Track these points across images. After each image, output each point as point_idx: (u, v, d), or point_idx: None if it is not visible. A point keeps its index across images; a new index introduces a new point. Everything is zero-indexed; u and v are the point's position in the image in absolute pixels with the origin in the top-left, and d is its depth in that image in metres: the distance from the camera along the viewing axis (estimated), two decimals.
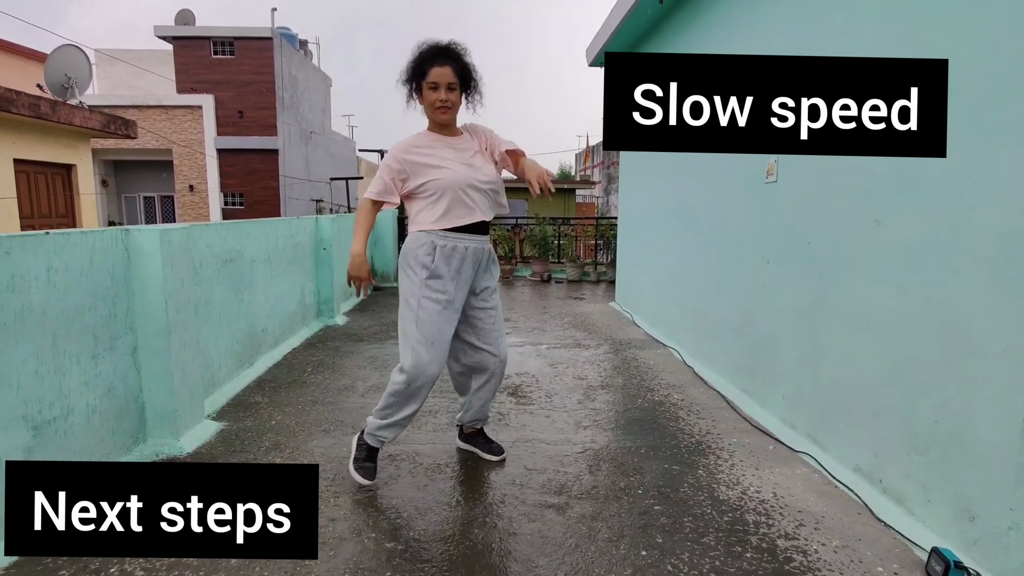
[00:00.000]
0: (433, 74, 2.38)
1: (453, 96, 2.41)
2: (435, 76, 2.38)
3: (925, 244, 2.17)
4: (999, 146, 1.86)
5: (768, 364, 3.34)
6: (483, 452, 2.84)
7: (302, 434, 3.10)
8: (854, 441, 2.57)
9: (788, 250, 3.14)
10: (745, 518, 2.30)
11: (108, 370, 2.59)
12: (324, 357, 4.63)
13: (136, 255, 2.74)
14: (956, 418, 2.02)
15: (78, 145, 8.05)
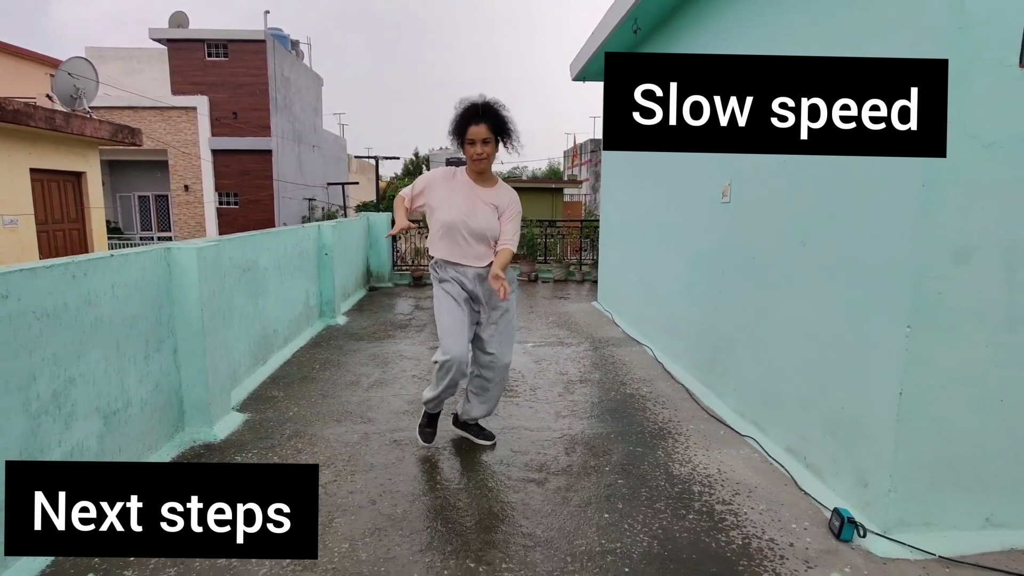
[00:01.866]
0: (471, 132, 2.89)
1: (487, 148, 2.92)
2: (472, 134, 2.89)
3: (838, 263, 2.66)
4: (881, 190, 2.35)
5: (723, 361, 3.84)
6: (475, 438, 3.31)
7: (317, 423, 3.56)
8: (787, 426, 3.07)
9: (739, 263, 3.63)
10: (692, 489, 2.80)
11: (156, 369, 3.04)
12: (329, 355, 5.08)
13: (176, 269, 3.18)
14: (857, 405, 2.52)
15: (87, 153, 8.43)
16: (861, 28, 2.53)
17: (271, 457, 3.09)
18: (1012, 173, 2.14)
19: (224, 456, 3.10)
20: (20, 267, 2.19)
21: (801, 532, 2.44)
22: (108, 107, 17.05)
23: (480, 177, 3.03)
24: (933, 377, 2.24)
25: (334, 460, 3.07)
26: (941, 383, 2.24)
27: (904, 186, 2.24)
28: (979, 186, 2.15)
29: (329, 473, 2.92)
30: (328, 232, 6.36)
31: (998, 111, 2.11)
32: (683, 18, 4.56)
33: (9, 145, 6.91)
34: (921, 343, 2.22)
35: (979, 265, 2.19)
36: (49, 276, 2.30)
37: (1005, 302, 2.21)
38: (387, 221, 9.46)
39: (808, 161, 2.88)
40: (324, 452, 3.16)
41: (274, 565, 2.20)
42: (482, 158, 2.93)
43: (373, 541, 2.36)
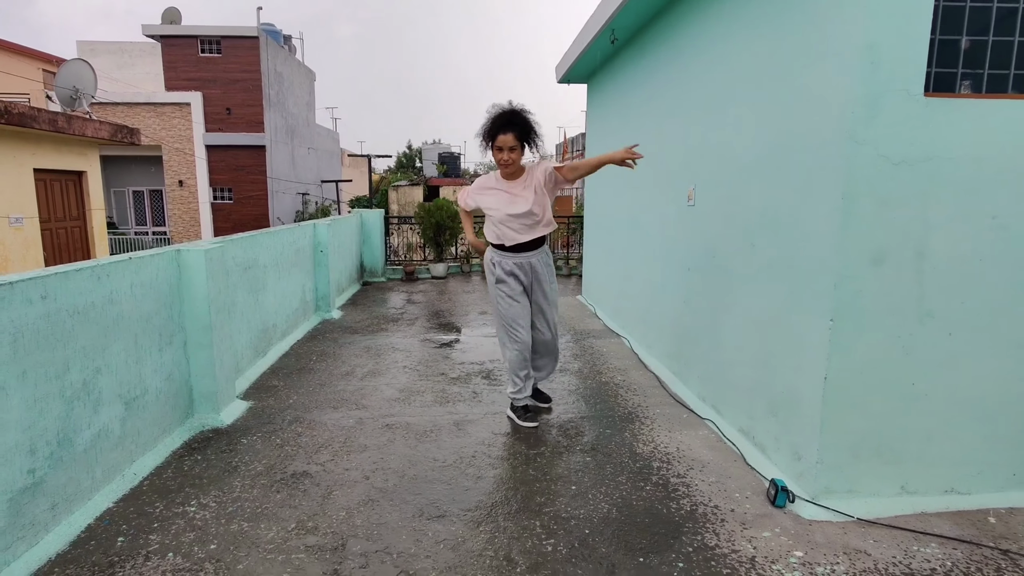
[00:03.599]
0: (499, 140, 3.35)
1: (514, 155, 3.38)
2: (500, 142, 3.35)
3: (778, 263, 2.99)
4: (810, 200, 2.68)
5: (689, 350, 4.18)
6: (538, 401, 3.93)
7: (315, 410, 3.88)
8: (740, 409, 3.41)
9: (702, 261, 3.96)
10: (651, 465, 3.14)
11: (168, 360, 3.35)
12: (325, 348, 5.40)
13: (185, 270, 3.48)
14: (793, 390, 2.86)
15: (88, 153, 8.68)
16: (793, 58, 2.85)
17: (274, 440, 3.41)
18: (919, 187, 2.47)
19: (231, 440, 3.42)
20: (55, 271, 2.50)
21: (743, 500, 2.78)
22: (102, 103, 17.20)
23: (510, 176, 3.50)
24: (853, 364, 2.58)
25: (331, 442, 3.39)
26: (860, 369, 2.58)
27: (827, 198, 2.57)
28: (891, 198, 2.48)
29: (327, 453, 3.25)
30: (323, 230, 6.66)
31: (905, 134, 2.44)
32: (655, 30, 4.86)
33: (15, 147, 7.18)
34: (842, 334, 2.56)
35: (892, 267, 2.53)
36: (79, 278, 2.60)
37: (915, 299, 2.55)
38: (380, 217, 9.76)
39: (753, 171, 3.20)
40: (322, 435, 3.48)
41: (280, 529, 2.53)
42: (508, 163, 3.38)
43: (367, 510, 2.69)
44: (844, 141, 2.48)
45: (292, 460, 3.17)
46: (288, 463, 3.13)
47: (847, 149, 2.47)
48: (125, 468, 2.92)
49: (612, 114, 6.42)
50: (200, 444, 3.36)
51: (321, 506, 2.72)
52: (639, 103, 5.39)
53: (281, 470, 3.06)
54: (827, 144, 2.59)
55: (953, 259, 2.53)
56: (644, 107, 5.25)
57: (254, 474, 3.02)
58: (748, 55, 3.31)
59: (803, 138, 2.77)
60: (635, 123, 5.54)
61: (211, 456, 3.21)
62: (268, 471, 3.05)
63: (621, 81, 5.95)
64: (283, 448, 3.31)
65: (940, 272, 2.54)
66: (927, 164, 2.47)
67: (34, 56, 18.98)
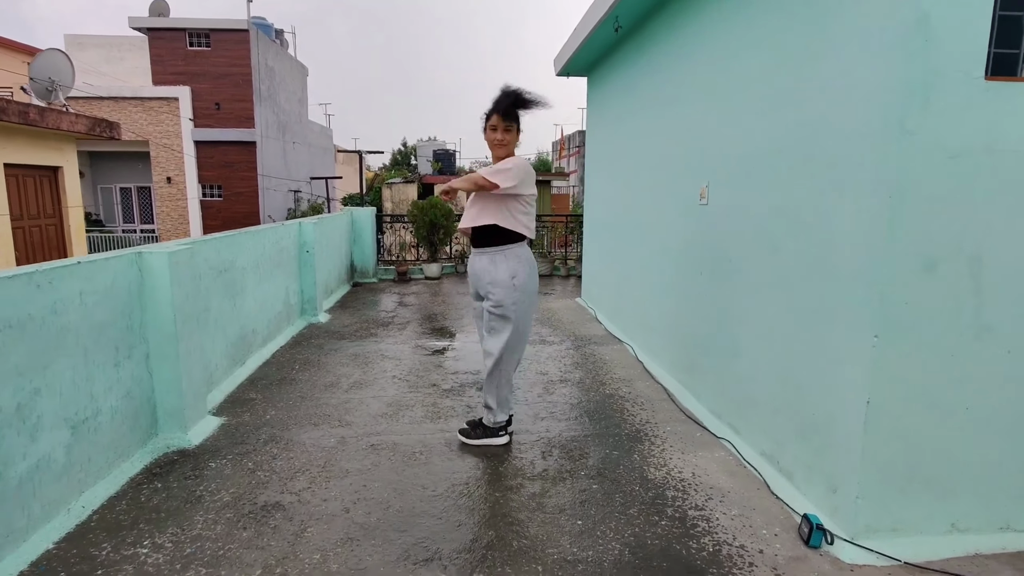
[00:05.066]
0: (492, 120, 3.18)
1: (505, 136, 3.18)
2: (493, 121, 3.18)
3: (808, 270, 2.67)
4: (848, 200, 2.36)
5: (700, 361, 3.86)
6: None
7: (294, 427, 3.54)
8: (761, 430, 3.09)
9: (715, 265, 3.64)
10: (665, 494, 2.81)
11: (127, 376, 3.00)
12: (309, 355, 5.05)
13: (148, 274, 3.14)
14: (826, 412, 2.54)
15: (64, 147, 8.28)
16: (821, 39, 2.52)
17: (246, 464, 3.07)
18: (977, 183, 2.16)
19: (198, 463, 3.07)
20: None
21: (771, 538, 2.46)
22: (88, 97, 16.78)
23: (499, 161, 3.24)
24: (900, 386, 2.26)
25: (309, 466, 3.05)
26: (908, 392, 2.26)
27: (871, 196, 2.25)
28: (945, 196, 2.16)
29: (304, 480, 2.91)
30: (309, 229, 6.31)
31: (963, 122, 2.12)
32: (661, 18, 4.54)
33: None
34: (888, 352, 2.24)
35: (945, 275, 2.21)
36: (13, 286, 2.26)
37: (971, 311, 2.23)
38: (372, 215, 9.41)
39: (776, 167, 2.88)
40: (300, 458, 3.14)
41: (265, 571, 2.19)
42: (502, 144, 3.19)
43: (345, 551, 2.36)
44: (891, 131, 2.16)
45: (264, 488, 2.83)
46: (259, 492, 2.80)
47: (895, 140, 2.15)
48: (71, 501, 2.57)
49: (614, 107, 6.09)
50: (163, 469, 3.01)
51: (292, 547, 2.38)
52: (643, 95, 5.06)
53: (251, 501, 2.72)
54: (869, 135, 2.27)
55: (1015, 266, 2.21)
56: (649, 99, 4.92)
57: (220, 506, 2.68)
58: (771, 37, 2.98)
59: (837, 129, 2.44)
60: (639, 116, 5.21)
61: (173, 484, 2.86)
62: (236, 502, 2.71)
63: (624, 72, 5.62)
64: (255, 473, 2.97)
65: (1000, 281, 2.22)
66: (987, 157, 2.15)
67: (19, 49, 18.49)
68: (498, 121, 3.16)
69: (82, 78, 20.27)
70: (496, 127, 3.17)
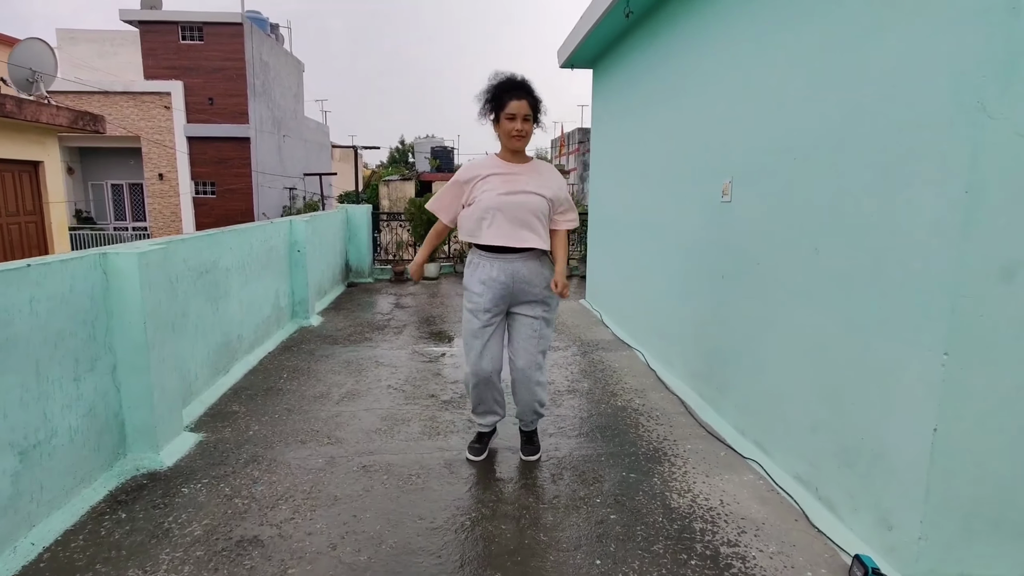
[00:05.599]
0: (512, 106, 2.71)
1: (527, 127, 2.75)
2: (514, 108, 2.71)
3: (859, 275, 2.36)
4: (914, 194, 2.05)
5: (722, 372, 3.55)
6: (521, 452, 3.16)
7: (279, 444, 3.23)
8: (795, 451, 2.78)
9: (741, 268, 3.33)
10: (693, 526, 2.50)
11: (89, 391, 2.68)
12: (299, 362, 4.73)
13: (114, 278, 2.82)
14: (878, 436, 2.24)
15: (45, 141, 7.92)
16: (883, 10, 2.21)
17: (223, 489, 2.75)
18: None
19: (169, 488, 2.76)
20: None
21: None
22: (78, 92, 16.41)
23: (517, 156, 2.86)
24: (973, 412, 1.95)
25: (293, 492, 2.74)
26: (982, 419, 1.96)
27: (943, 191, 1.94)
28: None
29: (286, 509, 2.59)
30: (300, 227, 5.98)
31: None
32: (678, 1, 4.22)
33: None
34: (960, 373, 1.93)
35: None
36: None
37: None
38: (367, 212, 9.09)
39: (822, 158, 2.57)
40: (283, 482, 2.83)
41: None
42: (522, 135, 2.76)
43: None
44: (968, 115, 1.85)
45: (241, 519, 2.51)
46: (235, 524, 2.48)
47: (972, 126, 1.84)
48: (19, 538, 2.25)
49: (623, 99, 5.78)
50: (129, 496, 2.69)
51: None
52: (657, 85, 4.75)
53: (225, 535, 2.40)
54: (941, 120, 1.96)
55: None
56: (663, 89, 4.61)
57: (190, 541, 2.36)
58: (819, 10, 2.67)
59: (901, 113, 2.13)
60: (652, 108, 4.90)
61: (139, 514, 2.55)
62: (208, 536, 2.39)
63: (634, 61, 5.30)
64: (232, 501, 2.66)
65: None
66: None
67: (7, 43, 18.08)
68: (520, 108, 2.72)
69: (74, 73, 19.92)
70: (515, 115, 2.72)
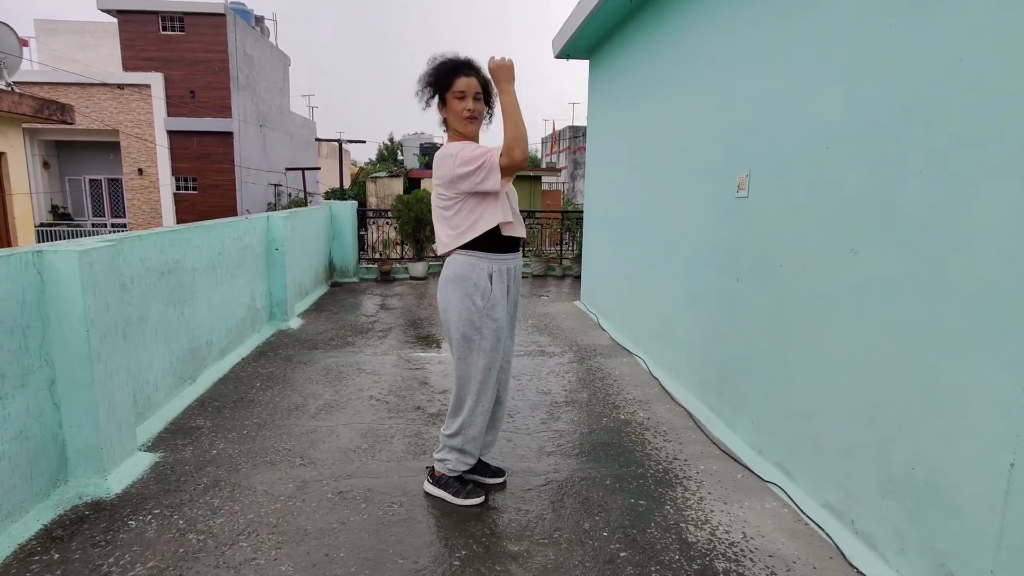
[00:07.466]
0: (460, 83, 2.41)
1: (479, 107, 2.44)
2: (462, 86, 2.41)
3: (908, 279, 2.06)
4: (982, 185, 1.75)
5: (736, 385, 3.25)
6: (483, 477, 2.76)
7: (245, 466, 2.88)
8: (825, 476, 2.48)
9: (759, 270, 3.02)
10: (715, 566, 2.19)
11: (19, 410, 2.32)
12: (275, 369, 4.37)
13: (52, 280, 2.46)
14: (934, 467, 1.93)
15: (8, 131, 7.47)
16: None
17: (176, 522, 2.40)
18: None
19: (114, 521, 2.40)
20: None
21: None
22: (52, 83, 15.87)
23: (475, 135, 2.51)
24: None
25: (257, 525, 2.39)
26: None
27: (1011, 186, 1.63)
28: None
29: (247, 547, 2.25)
30: (278, 224, 5.61)
31: None
32: None
33: None
34: None
35: None
36: None
37: None
38: (352, 209, 8.72)
39: (861, 147, 2.27)
40: (246, 512, 2.48)
41: None
42: (475, 116, 2.44)
43: None
44: None
45: (194, 561, 2.17)
46: (186, 567, 2.13)
47: None
48: None
49: (624, 89, 5.46)
50: (67, 530, 2.33)
51: None
52: (661, 74, 4.43)
53: None
54: (1011, 99, 1.66)
55: None
56: (668, 78, 4.29)
57: None
58: None
59: (968, 92, 1.83)
60: (655, 98, 4.58)
61: (75, 554, 2.19)
62: None
63: (637, 49, 4.98)
64: (185, 537, 2.31)
65: None
66: None
67: None
68: (470, 85, 2.41)
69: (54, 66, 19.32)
70: (465, 93, 2.41)
